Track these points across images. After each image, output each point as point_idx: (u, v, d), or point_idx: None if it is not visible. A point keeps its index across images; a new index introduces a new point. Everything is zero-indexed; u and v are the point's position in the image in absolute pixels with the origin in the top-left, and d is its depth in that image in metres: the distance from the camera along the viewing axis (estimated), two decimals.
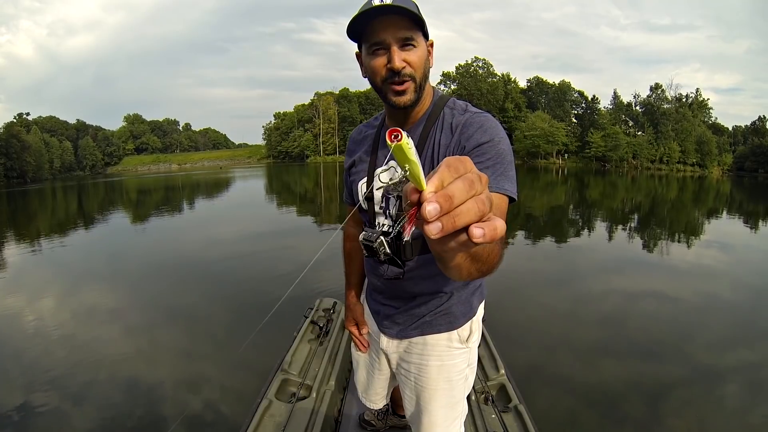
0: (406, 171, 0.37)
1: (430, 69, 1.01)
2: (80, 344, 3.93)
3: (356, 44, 1.01)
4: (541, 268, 6.29)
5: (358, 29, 0.94)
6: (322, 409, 1.92)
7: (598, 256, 7.55)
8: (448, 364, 1.18)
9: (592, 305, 4.82)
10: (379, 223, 1.12)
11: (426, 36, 0.98)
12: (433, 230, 0.35)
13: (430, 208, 0.34)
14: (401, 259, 1.06)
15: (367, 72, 0.99)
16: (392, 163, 1.08)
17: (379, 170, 1.11)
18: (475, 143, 0.94)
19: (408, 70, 0.94)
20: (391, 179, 1.10)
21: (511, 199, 0.92)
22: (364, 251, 1.09)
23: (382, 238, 1.03)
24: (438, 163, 0.99)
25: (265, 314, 4.32)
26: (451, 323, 1.16)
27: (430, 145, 1.02)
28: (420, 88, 0.98)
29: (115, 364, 3.48)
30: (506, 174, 0.92)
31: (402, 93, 0.96)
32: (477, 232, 0.36)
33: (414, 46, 0.94)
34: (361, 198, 1.15)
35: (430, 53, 1.00)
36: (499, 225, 0.37)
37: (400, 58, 0.92)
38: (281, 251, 7.41)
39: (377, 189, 1.11)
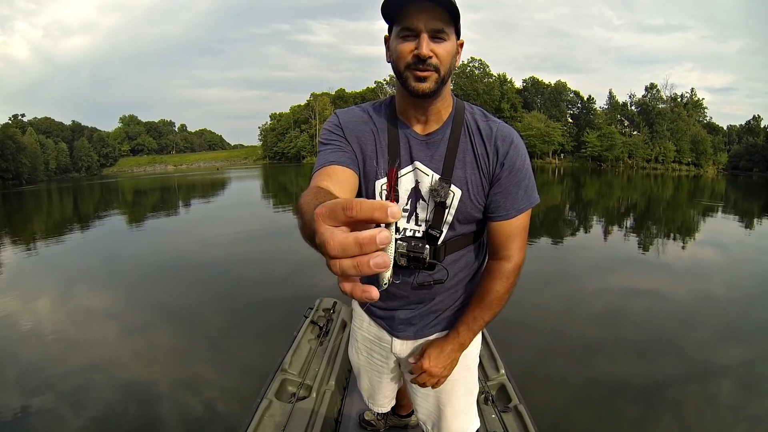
0: None
1: (455, 68, 0.98)
2: (77, 346, 3.91)
3: (387, 26, 0.97)
4: (540, 268, 6.29)
5: (393, 10, 0.91)
6: (322, 409, 1.91)
7: (594, 255, 7.59)
8: (466, 353, 1.20)
9: (590, 304, 4.84)
10: (399, 228, 1.08)
11: (458, 34, 0.95)
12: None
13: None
14: (439, 263, 1.07)
15: (392, 56, 0.95)
16: (417, 164, 1.04)
17: (402, 171, 1.05)
18: (511, 163, 1.01)
19: (434, 60, 0.91)
20: (417, 181, 1.05)
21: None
22: (408, 263, 1.02)
23: (428, 246, 1.02)
24: (480, 171, 1.02)
25: (263, 314, 4.31)
26: None
27: (469, 152, 1.02)
28: (442, 82, 0.95)
29: (113, 365, 3.46)
30: (534, 186, 1.05)
31: (423, 79, 0.92)
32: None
33: (445, 40, 0.91)
34: (381, 200, 1.06)
35: (458, 52, 0.97)
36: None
37: (428, 46, 0.89)
38: (278, 252, 7.40)
39: (405, 192, 1.06)
